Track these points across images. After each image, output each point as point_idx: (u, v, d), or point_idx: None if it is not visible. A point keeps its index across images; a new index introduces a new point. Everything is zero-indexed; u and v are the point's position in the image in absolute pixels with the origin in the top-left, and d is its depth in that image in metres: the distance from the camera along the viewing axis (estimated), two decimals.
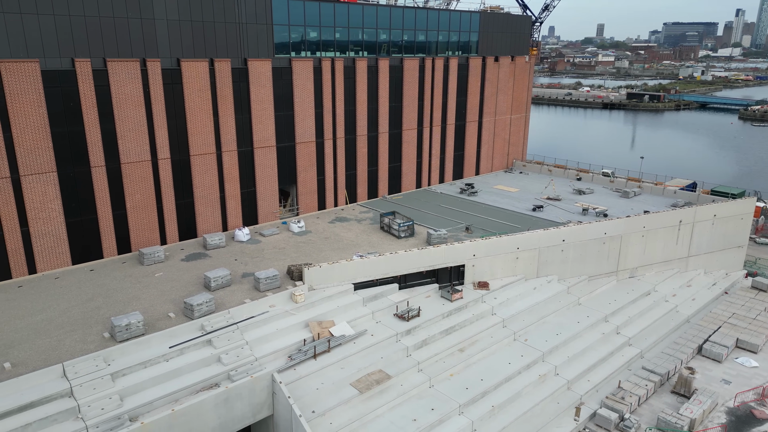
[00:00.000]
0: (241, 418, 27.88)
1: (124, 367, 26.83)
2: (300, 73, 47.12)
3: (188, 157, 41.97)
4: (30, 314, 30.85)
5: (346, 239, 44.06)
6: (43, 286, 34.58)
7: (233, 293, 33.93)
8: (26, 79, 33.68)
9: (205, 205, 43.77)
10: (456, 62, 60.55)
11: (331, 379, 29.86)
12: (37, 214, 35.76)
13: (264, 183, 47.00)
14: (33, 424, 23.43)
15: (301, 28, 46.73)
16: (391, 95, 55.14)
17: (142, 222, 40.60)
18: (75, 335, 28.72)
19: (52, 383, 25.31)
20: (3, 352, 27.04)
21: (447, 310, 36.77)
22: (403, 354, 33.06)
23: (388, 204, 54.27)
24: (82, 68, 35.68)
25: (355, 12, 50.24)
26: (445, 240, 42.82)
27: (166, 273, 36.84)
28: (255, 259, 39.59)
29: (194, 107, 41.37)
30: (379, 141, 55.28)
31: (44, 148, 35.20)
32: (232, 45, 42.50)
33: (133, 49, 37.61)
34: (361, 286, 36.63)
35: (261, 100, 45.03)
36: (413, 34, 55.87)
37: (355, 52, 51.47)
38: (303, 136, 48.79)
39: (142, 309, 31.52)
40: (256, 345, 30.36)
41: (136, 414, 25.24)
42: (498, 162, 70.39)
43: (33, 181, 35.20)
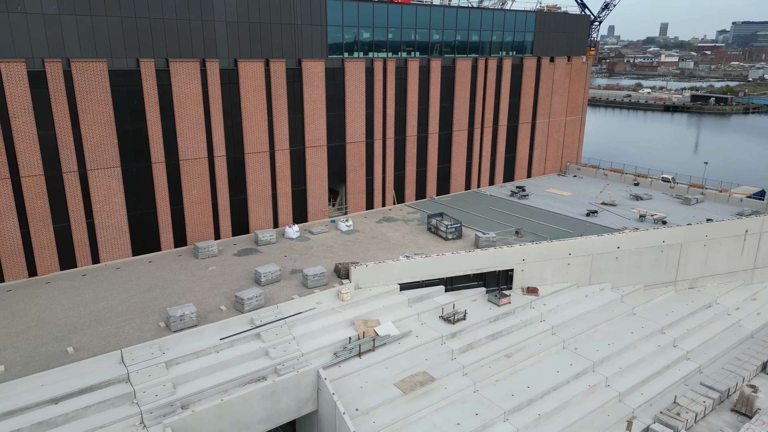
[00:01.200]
0: (286, 411, 28.39)
1: (178, 356, 27.84)
2: (352, 73, 47.55)
3: (243, 155, 43.15)
4: (92, 302, 32.53)
5: (393, 239, 44.13)
6: (105, 276, 36.38)
7: (282, 289, 34.61)
8: (95, 79, 35.54)
9: (258, 202, 44.88)
10: (510, 63, 59.52)
11: (375, 378, 29.95)
12: (102, 206, 37.67)
13: (314, 182, 47.73)
14: (92, 407, 24.66)
15: (354, 28, 47.16)
16: (442, 96, 54.82)
17: (198, 217, 42.06)
18: (133, 323, 30.07)
19: (111, 368, 26.58)
20: (67, 337, 28.63)
21: (494, 315, 36.18)
22: (447, 357, 32.77)
23: (436, 205, 53.97)
24: (146, 68, 37.31)
25: (408, 12, 50.24)
26: (494, 243, 42.15)
27: (219, 267, 38.01)
28: (304, 256, 40.26)
29: (249, 106, 42.49)
30: (428, 142, 55.07)
31: (109, 144, 37.03)
32: (287, 46, 43.38)
33: (193, 49, 39.02)
34: (407, 286, 36.57)
35: (313, 100, 45.75)
36: (466, 35, 55.33)
37: (407, 53, 51.47)
38: (353, 136, 49.22)
39: (196, 301, 32.64)
40: (302, 340, 30.85)
41: (188, 402, 26.15)
42: (551, 165, 68.70)
43: (98, 176, 37.10)
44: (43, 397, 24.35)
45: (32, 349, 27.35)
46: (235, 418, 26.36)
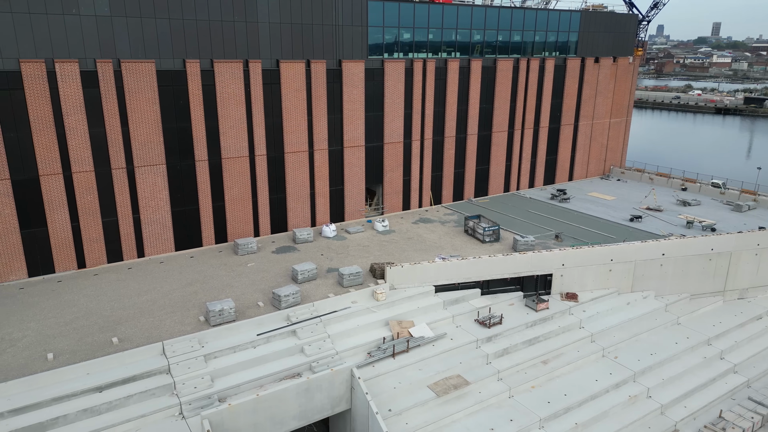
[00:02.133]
0: (320, 409, 28.65)
1: (216, 350, 28.49)
2: (392, 74, 47.60)
3: (282, 154, 43.81)
4: (137, 294, 33.66)
5: (429, 240, 43.93)
6: (149, 269, 37.58)
7: (318, 287, 34.95)
8: (143, 79, 36.75)
9: (296, 201, 45.48)
10: (552, 63, 58.36)
11: (409, 380, 29.88)
12: (147, 202, 38.92)
13: (352, 181, 48.02)
14: (134, 396, 25.51)
15: (395, 29, 47.19)
16: (482, 96, 54.23)
17: (238, 214, 42.94)
18: (174, 316, 30.94)
19: (153, 360, 27.43)
20: (112, 327, 29.71)
21: (531, 320, 35.54)
22: (482, 361, 32.39)
23: (473, 207, 53.45)
24: (192, 69, 38.35)
25: (449, 13, 49.93)
26: (533, 247, 41.41)
27: (258, 264, 38.70)
28: (340, 255, 40.55)
29: (290, 106, 43.10)
30: (467, 143, 54.58)
31: (156, 142, 38.23)
32: (328, 47, 43.79)
33: (237, 50, 39.86)
34: (443, 288, 36.33)
35: (353, 100, 46.02)
36: (508, 35, 54.56)
37: (448, 53, 51.15)
38: (391, 136, 49.26)
39: (235, 296, 33.32)
40: (337, 339, 31.07)
41: (225, 395, 26.73)
42: (594, 168, 67.00)
43: (145, 173, 38.35)
44: (89, 385, 25.33)
45: (79, 339, 28.50)
46: (270, 413, 26.77)
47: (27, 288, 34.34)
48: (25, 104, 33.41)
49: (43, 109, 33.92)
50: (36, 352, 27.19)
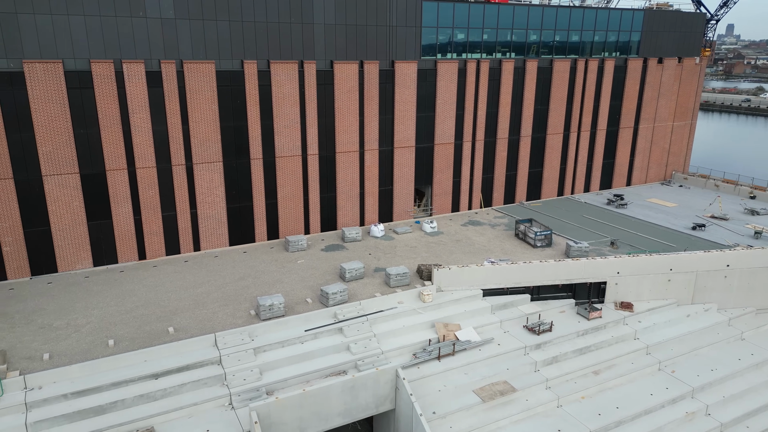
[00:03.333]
0: (364, 407, 28.82)
1: (265, 343, 29.18)
2: (444, 74, 47.32)
3: (334, 153, 44.38)
4: (192, 286, 34.93)
5: (477, 243, 43.38)
6: (204, 263, 38.93)
7: (365, 286, 35.19)
8: (203, 79, 38.11)
9: (346, 200, 45.97)
10: (612, 64, 56.39)
11: (454, 383, 29.61)
12: (204, 198, 40.33)
13: (401, 182, 48.07)
14: (187, 385, 26.48)
15: (449, 29, 46.87)
16: (537, 98, 53.06)
17: (290, 212, 43.84)
18: (227, 309, 31.92)
19: (206, 350, 28.40)
20: (168, 317, 30.96)
21: (582, 329, 34.46)
22: (530, 368, 31.67)
23: (525, 210, 52.37)
24: (249, 69, 39.44)
25: (505, 13, 49.13)
26: (587, 253, 40.15)
27: (307, 261, 39.37)
28: (387, 255, 40.67)
29: (342, 107, 43.60)
30: (520, 145, 53.54)
31: (213, 140, 39.56)
32: (381, 47, 44.02)
33: (293, 51, 40.69)
34: (491, 292, 35.79)
35: (404, 101, 46.05)
36: (566, 35, 53.14)
37: (502, 54, 50.34)
38: (442, 137, 48.97)
39: (284, 292, 34.03)
40: (383, 338, 31.17)
41: (272, 389, 27.33)
42: (654, 173, 64.26)
43: (203, 169, 39.76)
44: (145, 372, 26.49)
45: (138, 327, 29.86)
46: (316, 409, 27.16)
47: (92, 277, 36.30)
48: (95, 102, 35.32)
49: (110, 107, 35.76)
50: (98, 338, 28.70)
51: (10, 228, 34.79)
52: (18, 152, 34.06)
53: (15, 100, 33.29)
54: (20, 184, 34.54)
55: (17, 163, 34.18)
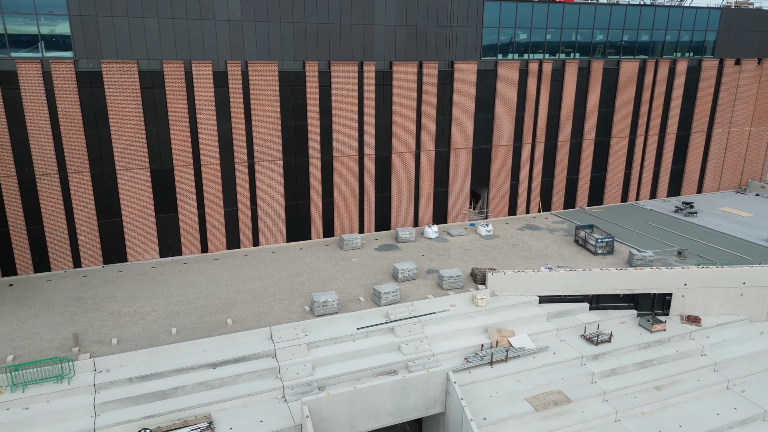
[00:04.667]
0: (414, 408, 28.75)
1: (318, 339, 29.66)
2: (505, 75, 46.50)
3: (390, 154, 44.55)
4: (250, 280, 36.00)
5: (535, 248, 42.33)
6: (262, 258, 40.04)
7: (417, 287, 35.10)
8: (266, 79, 39.19)
9: (401, 201, 46.03)
10: (684, 65, 53.60)
11: (506, 390, 29.02)
12: (264, 195, 41.49)
13: (456, 184, 47.62)
14: (243, 375, 27.30)
15: (511, 30, 46.01)
16: (602, 100, 51.19)
17: (345, 211, 44.38)
18: (282, 304, 32.69)
19: (261, 343, 29.18)
20: (227, 309, 32.04)
21: (644, 341, 32.94)
22: (587, 379, 30.59)
23: (586, 216, 50.64)
24: (310, 70, 40.23)
25: (570, 12, 47.70)
26: (651, 263, 38.35)
27: (361, 259, 39.72)
28: (441, 257, 40.39)
29: (400, 107, 43.69)
30: (582, 148, 51.82)
31: (274, 139, 40.62)
32: (441, 48, 43.78)
33: (353, 52, 41.16)
34: (547, 299, 34.84)
35: (463, 102, 45.60)
36: (635, 34, 50.98)
37: (566, 54, 48.90)
38: (500, 139, 48.13)
39: (338, 289, 34.47)
40: (434, 341, 30.99)
41: (324, 384, 27.74)
42: (728, 180, 60.57)
43: (263, 167, 40.90)
44: (204, 361, 27.52)
45: (199, 317, 31.08)
46: (366, 407, 27.34)
47: (158, 267, 38.10)
48: (165, 101, 37.05)
49: (179, 105, 37.41)
50: (162, 326, 30.09)
51: (85, 218, 37.08)
52: (95, 147, 36.25)
53: (93, 98, 35.45)
54: (96, 177, 36.74)
55: (94, 158, 36.37)
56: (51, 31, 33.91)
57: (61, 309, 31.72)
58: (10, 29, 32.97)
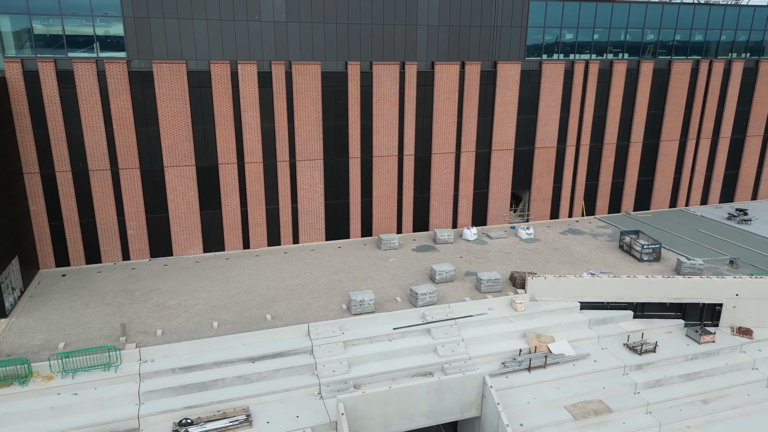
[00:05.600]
0: (449, 411, 28.54)
1: (354, 338, 29.83)
2: (549, 76, 45.59)
3: (430, 154, 44.37)
4: (290, 277, 36.54)
5: (577, 253, 41.33)
6: (301, 255, 40.58)
7: (455, 289, 34.83)
8: (309, 79, 39.68)
9: (439, 202, 45.78)
10: (740, 66, 51.27)
11: (544, 397, 28.46)
12: (305, 194, 42.04)
13: (497, 185, 47.00)
14: (281, 371, 27.73)
15: (557, 30, 45.08)
16: (651, 102, 49.53)
17: (384, 211, 44.47)
18: (320, 301, 33.04)
19: (299, 339, 29.58)
20: (266, 305, 32.62)
21: (691, 353, 31.69)
22: (629, 389, 29.66)
23: (631, 221, 49.09)
24: (352, 70, 40.51)
25: (620, 11, 46.34)
26: (701, 271, 36.86)
27: (398, 260, 39.72)
28: (479, 259, 39.95)
29: (441, 108, 43.46)
30: (629, 151, 50.27)
31: (315, 139, 41.10)
32: (484, 48, 43.31)
33: (395, 52, 41.22)
34: (589, 306, 33.97)
35: (505, 102, 44.98)
36: (687, 34, 49.09)
37: (614, 54, 47.55)
38: (543, 140, 47.23)
39: (375, 289, 34.58)
40: (471, 344, 30.68)
41: (359, 383, 27.89)
42: None
43: (304, 166, 41.45)
44: (244, 355, 28.10)
45: (239, 312, 31.76)
46: (401, 407, 27.33)
47: (201, 262, 39.16)
48: (212, 101, 38.03)
49: (225, 105, 38.33)
50: (204, 319, 30.90)
51: (134, 213, 38.46)
52: (144, 144, 37.55)
53: (144, 97, 36.73)
54: (145, 173, 38.06)
55: (143, 155, 37.69)
56: (106, 32, 35.34)
57: (110, 300, 33.02)
58: (68, 30, 34.56)
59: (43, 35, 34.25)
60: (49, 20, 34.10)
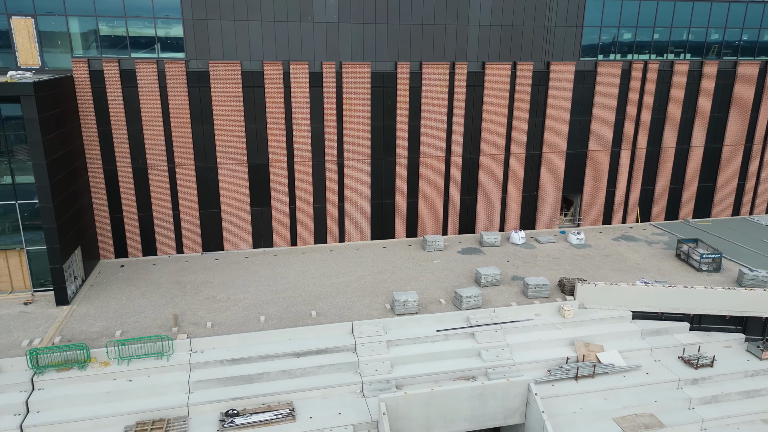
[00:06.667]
0: (492, 417, 28.11)
1: (397, 338, 29.85)
2: (605, 76, 44.17)
3: (478, 156, 43.85)
4: (335, 275, 36.95)
5: (630, 261, 39.86)
6: (347, 254, 40.95)
7: (500, 293, 34.28)
8: (359, 80, 39.97)
9: (486, 204, 45.16)
10: None
11: (591, 407, 27.61)
12: (351, 193, 42.39)
13: (547, 189, 45.93)
14: (324, 367, 28.07)
15: (614, 29, 43.63)
16: (715, 104, 47.19)
17: (429, 211, 44.27)
18: (364, 300, 33.24)
19: (343, 337, 29.86)
20: (312, 302, 33.09)
21: (752, 369, 30.01)
22: (683, 404, 28.38)
23: (690, 229, 46.93)
24: (402, 71, 40.54)
25: (682, 10, 44.36)
26: (765, 284, 34.82)
27: (443, 261, 39.45)
28: (527, 264, 39.16)
29: (491, 109, 42.86)
30: (689, 155, 48.08)
31: (363, 139, 41.36)
32: (537, 48, 42.43)
33: (445, 53, 40.97)
34: (642, 316, 32.73)
35: (558, 104, 43.91)
36: (756, 34, 46.49)
37: (675, 55, 45.58)
38: (597, 143, 45.80)
39: (419, 290, 34.48)
40: (516, 350, 30.14)
41: (402, 383, 27.89)
42: None
43: (352, 166, 41.80)
44: (289, 350, 28.61)
45: (286, 308, 32.37)
46: (442, 410, 27.12)
47: (250, 257, 40.14)
48: (264, 100, 38.92)
49: (277, 105, 39.14)
50: (252, 313, 31.65)
51: (189, 208, 39.84)
52: (200, 142, 38.83)
53: (200, 96, 37.99)
54: (199, 170, 39.35)
55: (198, 152, 38.97)
56: (166, 34, 36.76)
57: (164, 291, 34.34)
58: (131, 32, 36.16)
59: (108, 36, 35.98)
60: (114, 22, 35.80)
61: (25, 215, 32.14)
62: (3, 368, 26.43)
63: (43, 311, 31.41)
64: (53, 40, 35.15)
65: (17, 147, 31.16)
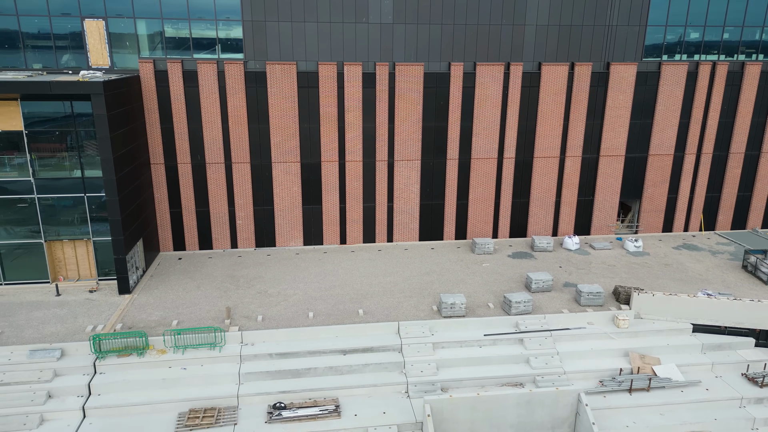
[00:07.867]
0: (539, 425, 27.44)
1: (444, 340, 29.65)
2: (669, 78, 42.29)
3: (531, 158, 42.93)
4: (382, 275, 37.10)
5: (692, 271, 38.00)
6: (395, 254, 41.03)
7: (551, 300, 33.45)
8: (411, 80, 39.93)
9: (539, 208, 44.15)
10: None
11: (646, 422, 26.50)
12: (401, 194, 42.45)
13: (604, 193, 44.43)
14: (370, 366, 28.24)
15: (680, 28, 41.70)
16: None
17: (479, 214, 43.73)
18: (411, 301, 33.21)
19: (389, 336, 29.95)
20: (359, 300, 33.36)
21: None
22: (746, 424, 26.79)
23: (759, 239, 44.24)
24: (455, 71, 40.24)
25: (756, 7, 41.87)
26: None
27: (492, 265, 38.87)
28: (580, 270, 38.03)
29: (546, 110, 41.87)
30: (760, 162, 45.35)
31: (414, 139, 41.32)
32: (596, 48, 41.12)
33: (500, 53, 40.35)
34: (703, 329, 31.14)
35: (617, 106, 42.39)
36: None
37: (747, 55, 43.08)
38: (659, 147, 43.90)
39: (466, 293, 34.13)
40: (566, 358, 29.33)
41: (447, 386, 27.68)
42: None
43: (402, 166, 41.84)
44: (336, 347, 28.96)
45: (334, 305, 32.78)
46: (488, 415, 26.71)
47: (301, 254, 40.91)
48: (318, 100, 39.56)
49: (330, 105, 39.70)
50: (301, 309, 32.24)
51: (243, 205, 41.02)
52: (255, 140, 39.90)
53: (257, 96, 39.03)
54: (255, 168, 40.44)
55: (254, 150, 40.06)
56: (227, 35, 38.00)
57: (218, 284, 35.50)
58: (194, 33, 37.59)
59: (173, 38, 37.55)
60: (178, 24, 37.32)
61: (92, 207, 34.04)
62: (68, 352, 28.06)
63: (107, 299, 33.14)
64: (122, 42, 37.02)
65: (87, 142, 33.04)
